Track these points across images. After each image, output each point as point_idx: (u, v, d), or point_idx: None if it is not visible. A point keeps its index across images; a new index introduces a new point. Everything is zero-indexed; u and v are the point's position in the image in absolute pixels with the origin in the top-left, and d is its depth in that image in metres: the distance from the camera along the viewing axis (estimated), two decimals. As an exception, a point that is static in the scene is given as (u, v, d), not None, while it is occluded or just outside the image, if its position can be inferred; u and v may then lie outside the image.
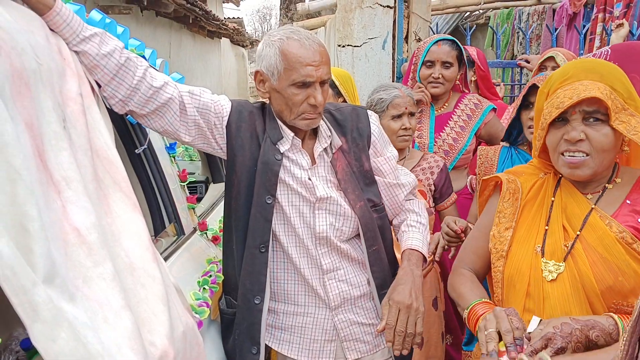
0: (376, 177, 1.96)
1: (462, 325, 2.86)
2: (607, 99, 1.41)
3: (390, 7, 4.02)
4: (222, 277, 1.94)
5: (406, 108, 2.57)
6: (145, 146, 1.97)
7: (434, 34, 4.14)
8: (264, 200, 1.81)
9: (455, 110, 3.00)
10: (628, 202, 1.49)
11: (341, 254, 1.91)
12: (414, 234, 1.93)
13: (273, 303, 1.94)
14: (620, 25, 3.70)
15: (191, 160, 3.61)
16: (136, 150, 1.95)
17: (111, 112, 1.65)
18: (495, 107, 3.03)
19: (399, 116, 2.57)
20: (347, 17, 4.05)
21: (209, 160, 3.26)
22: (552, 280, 1.48)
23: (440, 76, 2.91)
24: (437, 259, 2.34)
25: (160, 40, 10.01)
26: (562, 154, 1.49)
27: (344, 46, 4.03)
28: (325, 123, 1.91)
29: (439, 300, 2.66)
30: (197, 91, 1.80)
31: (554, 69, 3.16)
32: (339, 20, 4.07)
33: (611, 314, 1.38)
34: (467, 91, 3.12)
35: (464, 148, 2.93)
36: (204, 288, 1.85)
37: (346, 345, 1.94)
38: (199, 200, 2.55)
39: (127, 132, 1.96)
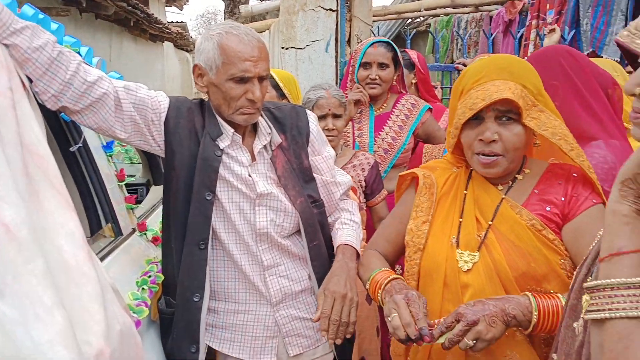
0: (314, 175, 1.98)
1: None
2: (518, 98, 1.45)
3: (333, 11, 4.06)
4: (162, 277, 1.91)
5: (329, 110, 2.63)
6: (80, 144, 1.92)
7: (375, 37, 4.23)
8: (204, 197, 1.80)
9: (394, 110, 3.07)
10: (536, 191, 1.55)
11: (282, 250, 1.92)
12: (348, 231, 1.97)
13: (213, 302, 1.93)
14: (553, 30, 3.87)
15: (131, 162, 3.53)
16: (70, 149, 1.90)
17: (44, 109, 1.61)
18: (432, 107, 3.13)
19: (323, 117, 2.63)
20: (290, 20, 4.07)
21: (150, 162, 3.21)
22: (467, 270, 1.52)
23: (377, 77, 2.98)
24: None
25: (100, 43, 9.75)
26: (477, 154, 1.54)
27: (287, 48, 4.05)
28: (265, 120, 1.92)
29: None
30: (133, 86, 1.77)
31: None
32: (282, 23, 4.09)
33: (526, 292, 1.43)
34: (404, 92, 3.20)
35: (403, 147, 3.00)
36: (143, 288, 1.82)
37: (288, 341, 1.95)
38: (139, 202, 2.51)
39: (61, 130, 1.90)
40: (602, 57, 4.75)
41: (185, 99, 1.90)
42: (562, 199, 1.51)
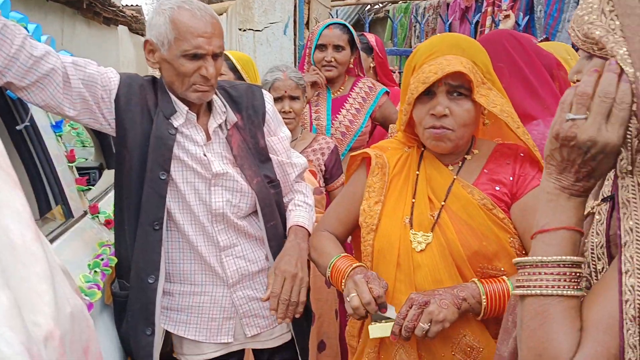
0: (270, 155, 1.97)
1: None
2: (469, 72, 1.47)
3: (291, -8, 4.01)
4: (115, 260, 1.88)
5: (285, 92, 2.60)
6: (28, 123, 1.86)
7: (334, 20, 4.21)
8: (157, 176, 1.77)
9: (351, 93, 3.07)
10: (485, 171, 1.58)
11: (238, 231, 1.90)
12: (301, 212, 1.97)
13: (168, 284, 1.90)
14: (507, 16, 3.93)
15: (83, 146, 3.44)
16: (17, 127, 1.83)
17: (-12, 86, 1.54)
18: (389, 90, 3.14)
19: (279, 99, 2.60)
20: (248, 1, 4.02)
21: (103, 145, 3.13)
22: (421, 250, 1.54)
23: (332, 59, 2.97)
24: None
25: (51, 26, 9.40)
26: (428, 128, 1.55)
27: (245, 30, 3.99)
28: (220, 99, 1.89)
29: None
30: (81, 62, 1.72)
31: None
32: (240, 4, 4.03)
33: (474, 279, 1.47)
34: (362, 75, 3.20)
35: (360, 130, 3.00)
36: (95, 271, 1.78)
37: (245, 322, 1.95)
38: (91, 185, 2.45)
39: (7, 108, 1.84)
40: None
41: (136, 76, 1.85)
42: (511, 178, 1.54)
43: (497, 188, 1.54)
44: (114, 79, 1.78)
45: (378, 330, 1.46)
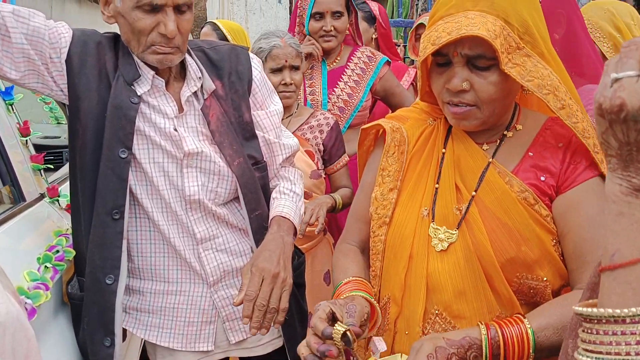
0: (256, 132, 1.70)
1: None
2: (495, 37, 1.15)
3: (286, -43, 3.75)
4: (73, 253, 1.62)
5: (286, 61, 2.33)
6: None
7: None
8: (117, 154, 1.51)
9: (348, 64, 2.81)
10: (530, 154, 1.28)
11: (218, 220, 1.65)
12: (286, 202, 1.70)
13: (137, 281, 1.66)
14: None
15: (58, 123, 3.16)
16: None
17: None
18: (390, 60, 2.89)
19: (279, 70, 2.33)
20: (239, -34, 3.74)
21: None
22: (442, 250, 1.26)
23: (332, 28, 2.69)
24: (320, 227, 2.19)
25: (39, 4, 9.15)
26: (448, 103, 1.26)
27: (235, -3, 3.73)
28: (195, 62, 1.62)
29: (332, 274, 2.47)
30: (24, 12, 1.46)
31: None
32: (230, -30, 3.75)
33: (480, 324, 1.17)
34: (359, 43, 2.95)
35: (360, 104, 2.75)
36: (45, 266, 1.52)
37: (228, 326, 1.71)
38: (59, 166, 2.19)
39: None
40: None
41: (94, 32, 1.60)
42: (560, 166, 1.24)
43: (543, 178, 1.24)
44: (65, 35, 1.52)
45: None
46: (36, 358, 1.23)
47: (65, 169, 2.33)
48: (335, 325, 1.10)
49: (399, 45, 3.92)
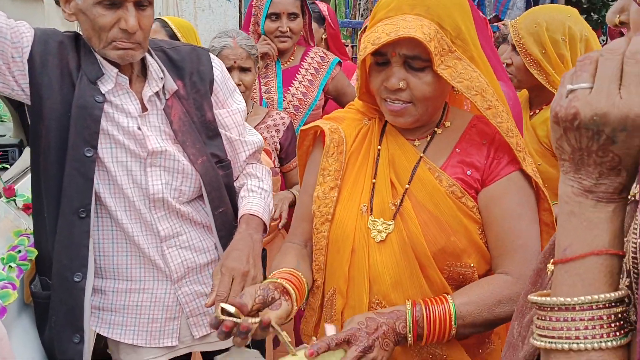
0: (220, 130, 1.73)
1: None
2: (430, 39, 1.21)
3: (232, -44, 3.74)
4: (35, 253, 1.61)
5: (235, 62, 2.32)
6: None
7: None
8: (82, 154, 1.51)
9: (302, 64, 2.87)
10: (457, 150, 1.36)
11: (182, 218, 1.67)
12: (255, 199, 1.72)
13: (99, 281, 1.66)
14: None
15: (1, 120, 3.07)
16: None
17: None
18: (341, 60, 2.96)
19: (228, 69, 2.31)
20: (187, -37, 3.70)
21: (22, 119, 2.79)
22: (381, 241, 1.33)
23: (287, 29, 2.74)
24: (283, 222, 2.23)
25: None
26: (385, 100, 1.33)
27: (184, -6, 3.69)
28: (157, 62, 1.63)
29: None
30: None
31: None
32: (178, -34, 3.71)
33: (407, 301, 1.27)
34: (312, 44, 3.01)
35: (314, 103, 2.82)
36: (10, 266, 1.51)
37: (192, 321, 1.73)
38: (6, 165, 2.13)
39: None
40: (503, 21, 4.78)
41: (54, 31, 1.58)
42: (485, 161, 1.33)
43: (469, 172, 1.32)
44: (26, 34, 1.51)
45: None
46: (9, 357, 1.23)
47: (14, 169, 2.28)
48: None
49: (347, 46, 3.99)
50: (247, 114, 2.45)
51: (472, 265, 1.31)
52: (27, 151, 2.74)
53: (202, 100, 1.69)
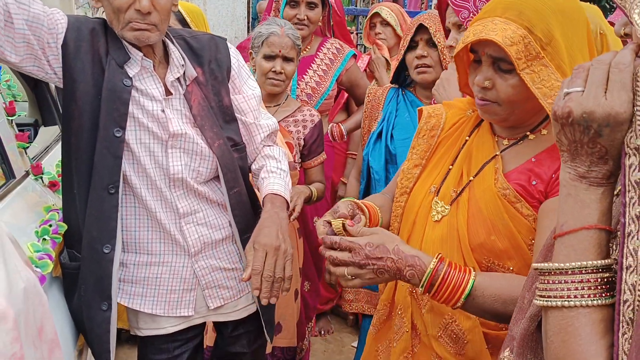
0: (236, 115, 1.83)
1: (319, 272, 2.85)
2: (512, 44, 1.23)
3: (245, -59, 3.77)
4: (65, 227, 1.70)
5: (280, 50, 2.34)
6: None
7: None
8: (112, 134, 1.60)
9: (318, 54, 2.96)
10: (533, 160, 1.36)
11: (199, 196, 1.77)
12: (276, 179, 1.82)
13: (122, 254, 1.76)
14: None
15: (15, 100, 3.13)
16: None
17: None
18: (356, 53, 3.02)
19: (271, 57, 2.36)
20: (197, -52, 3.74)
21: (39, 99, 2.86)
22: (436, 221, 1.42)
23: (305, 17, 2.82)
24: (295, 215, 2.28)
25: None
26: (476, 95, 1.39)
27: (194, -20, 3.73)
28: (178, 50, 1.71)
29: (296, 257, 2.58)
30: (25, 0, 1.51)
31: (382, 23, 3.31)
32: (188, -48, 3.76)
33: (435, 257, 1.29)
34: (328, 35, 3.07)
35: (327, 92, 2.90)
36: (44, 239, 1.60)
37: (208, 293, 1.83)
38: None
39: None
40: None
41: (86, 19, 1.66)
42: (553, 175, 1.32)
43: (534, 182, 1.33)
44: (61, 21, 1.58)
45: None
46: (50, 323, 1.34)
47: (36, 147, 2.36)
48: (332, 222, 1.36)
49: (352, 33, 4.05)
50: (279, 104, 2.49)
51: (511, 268, 1.33)
52: (42, 130, 2.83)
53: (220, 87, 1.77)
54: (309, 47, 2.96)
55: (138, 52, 1.63)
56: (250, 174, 1.94)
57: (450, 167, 1.47)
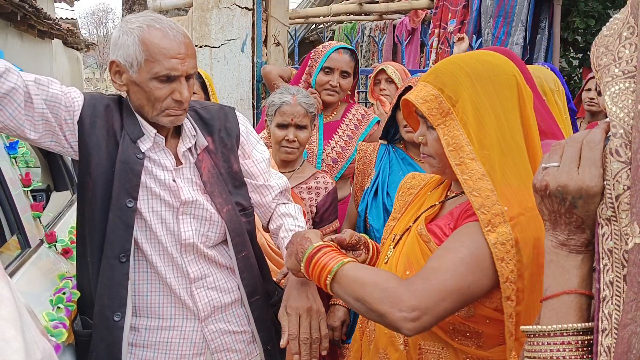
0: (245, 179, 1.88)
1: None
2: (425, 101, 1.39)
3: (249, 9, 3.97)
4: (78, 294, 1.74)
5: (292, 119, 2.38)
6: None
7: (292, 38, 4.21)
8: (124, 204, 1.66)
9: (343, 119, 3.01)
10: (457, 205, 1.45)
11: (209, 261, 1.81)
12: None
13: (134, 319, 1.78)
14: (461, 39, 3.99)
15: (27, 166, 3.22)
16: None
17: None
18: (379, 119, 3.08)
19: (284, 126, 2.40)
20: (204, 17, 3.93)
21: (51, 166, 2.94)
22: (385, 262, 1.54)
23: (337, 85, 2.88)
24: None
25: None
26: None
27: (201, 46, 3.91)
28: (190, 122, 1.80)
29: None
30: (44, 81, 1.60)
31: (387, 80, 3.40)
32: (196, 19, 3.95)
33: (316, 243, 1.47)
34: (353, 101, 3.16)
35: (352, 157, 2.91)
36: (59, 307, 1.63)
37: (217, 357, 1.84)
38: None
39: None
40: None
41: (101, 96, 1.74)
42: (460, 214, 1.43)
43: (449, 223, 1.44)
44: (77, 99, 1.67)
45: None
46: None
47: (49, 214, 2.42)
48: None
49: (359, 92, 4.17)
50: (294, 170, 2.52)
51: None
52: (54, 195, 2.90)
53: (229, 154, 1.84)
54: (334, 113, 3.00)
55: (152, 129, 1.71)
56: (268, 233, 1.98)
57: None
